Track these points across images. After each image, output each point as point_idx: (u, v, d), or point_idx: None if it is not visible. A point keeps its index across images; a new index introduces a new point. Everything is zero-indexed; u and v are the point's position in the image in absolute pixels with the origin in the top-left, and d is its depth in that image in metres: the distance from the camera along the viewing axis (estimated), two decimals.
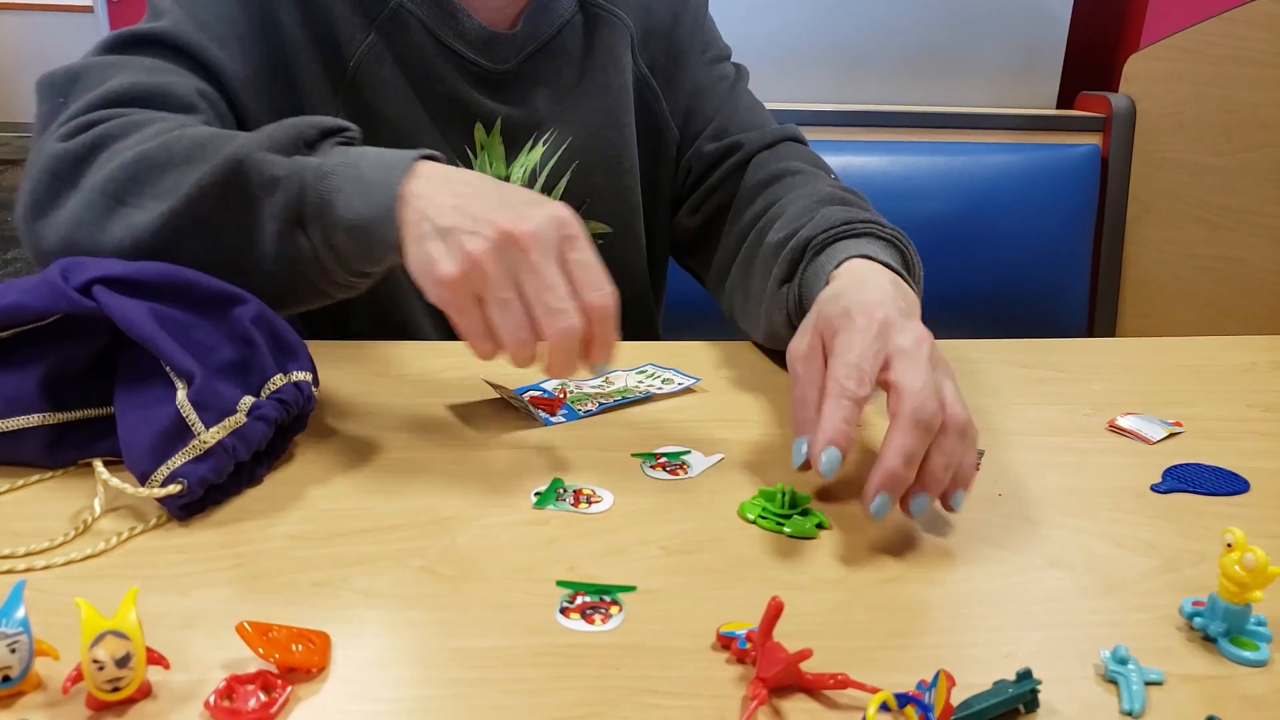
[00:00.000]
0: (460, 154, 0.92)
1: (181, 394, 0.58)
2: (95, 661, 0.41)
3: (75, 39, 6.02)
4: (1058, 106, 1.76)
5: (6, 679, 0.42)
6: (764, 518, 0.59)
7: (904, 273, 0.70)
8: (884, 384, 0.58)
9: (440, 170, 0.64)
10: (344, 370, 0.78)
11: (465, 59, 0.90)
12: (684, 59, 0.99)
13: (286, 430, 0.64)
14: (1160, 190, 1.60)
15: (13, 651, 0.42)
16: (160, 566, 0.53)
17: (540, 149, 0.93)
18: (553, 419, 0.71)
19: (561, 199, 0.94)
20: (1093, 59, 1.92)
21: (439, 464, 0.65)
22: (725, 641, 0.48)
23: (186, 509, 0.57)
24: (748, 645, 0.47)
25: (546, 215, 0.60)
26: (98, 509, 0.57)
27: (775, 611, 0.45)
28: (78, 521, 0.57)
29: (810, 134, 0.98)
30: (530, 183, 0.94)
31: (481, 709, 0.43)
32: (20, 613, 0.43)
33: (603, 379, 0.77)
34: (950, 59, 1.65)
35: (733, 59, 1.04)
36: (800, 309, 0.73)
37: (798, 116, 1.42)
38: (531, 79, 0.93)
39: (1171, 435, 0.73)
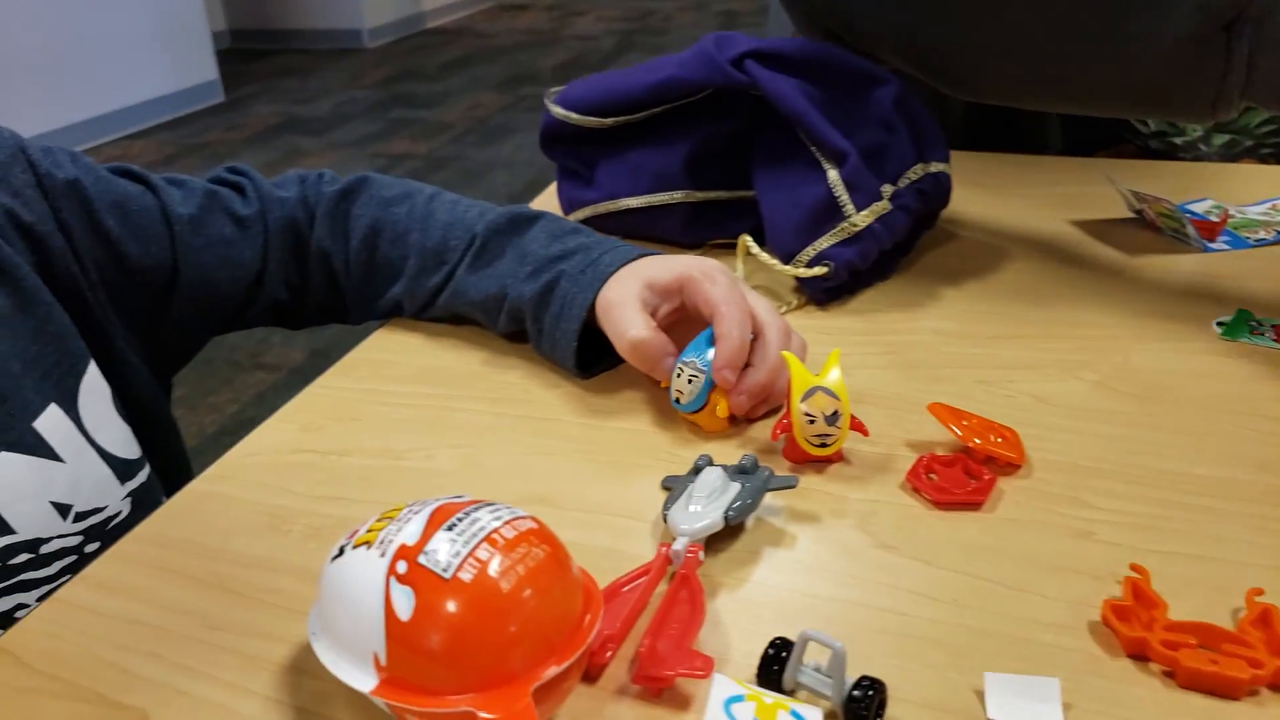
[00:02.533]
0: None
1: (834, 174, 0.56)
2: (807, 414, 0.41)
3: None
4: None
5: (677, 401, 0.44)
6: None
7: None
8: None
9: None
10: (990, 176, 0.72)
11: None
12: None
13: (918, 225, 0.61)
14: None
15: (689, 382, 0.43)
16: (810, 344, 0.52)
17: None
18: (1212, 245, 0.61)
19: None
20: None
21: (1084, 280, 0.58)
22: None
23: (829, 292, 0.56)
24: None
25: None
26: None
27: None
28: None
29: None
30: None
31: (1221, 539, 0.37)
32: (709, 354, 0.44)
33: (1270, 205, 0.64)
34: None
35: None
36: None
37: None
38: None
39: None
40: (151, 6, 3.69)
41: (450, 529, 0.28)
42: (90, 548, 0.46)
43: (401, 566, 0.27)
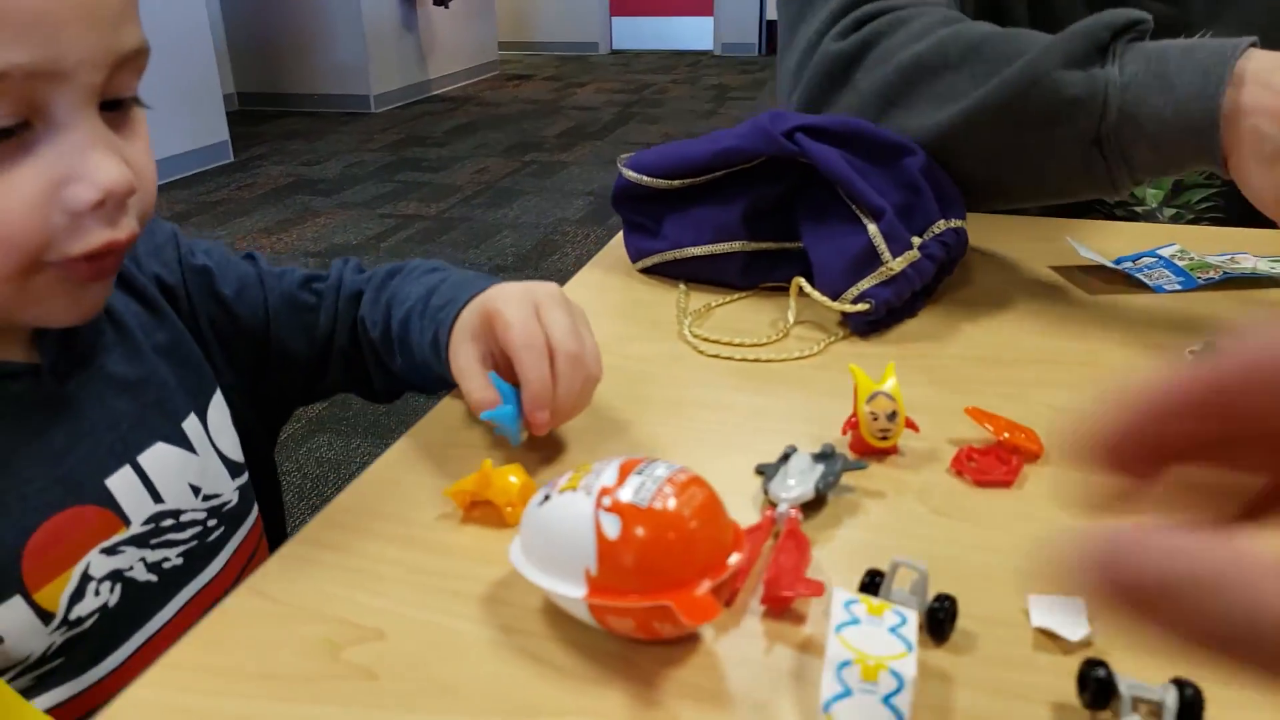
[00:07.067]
0: None
1: (873, 227, 0.67)
2: (871, 413, 0.51)
3: None
4: None
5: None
6: None
7: None
8: None
9: (1270, 67, 0.55)
10: (990, 234, 0.84)
11: None
12: None
13: (940, 271, 0.72)
14: None
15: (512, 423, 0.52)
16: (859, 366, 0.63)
17: None
18: (1166, 287, 0.72)
19: None
20: None
21: (1076, 316, 0.69)
22: None
23: (870, 325, 0.67)
24: None
25: None
26: (791, 319, 0.69)
27: None
28: (776, 328, 0.68)
29: None
30: None
31: None
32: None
33: (1229, 258, 0.76)
34: None
35: None
36: None
37: None
38: None
39: None
40: (166, 68, 3.82)
41: (639, 474, 0.38)
42: (211, 522, 0.59)
43: (606, 500, 0.37)
